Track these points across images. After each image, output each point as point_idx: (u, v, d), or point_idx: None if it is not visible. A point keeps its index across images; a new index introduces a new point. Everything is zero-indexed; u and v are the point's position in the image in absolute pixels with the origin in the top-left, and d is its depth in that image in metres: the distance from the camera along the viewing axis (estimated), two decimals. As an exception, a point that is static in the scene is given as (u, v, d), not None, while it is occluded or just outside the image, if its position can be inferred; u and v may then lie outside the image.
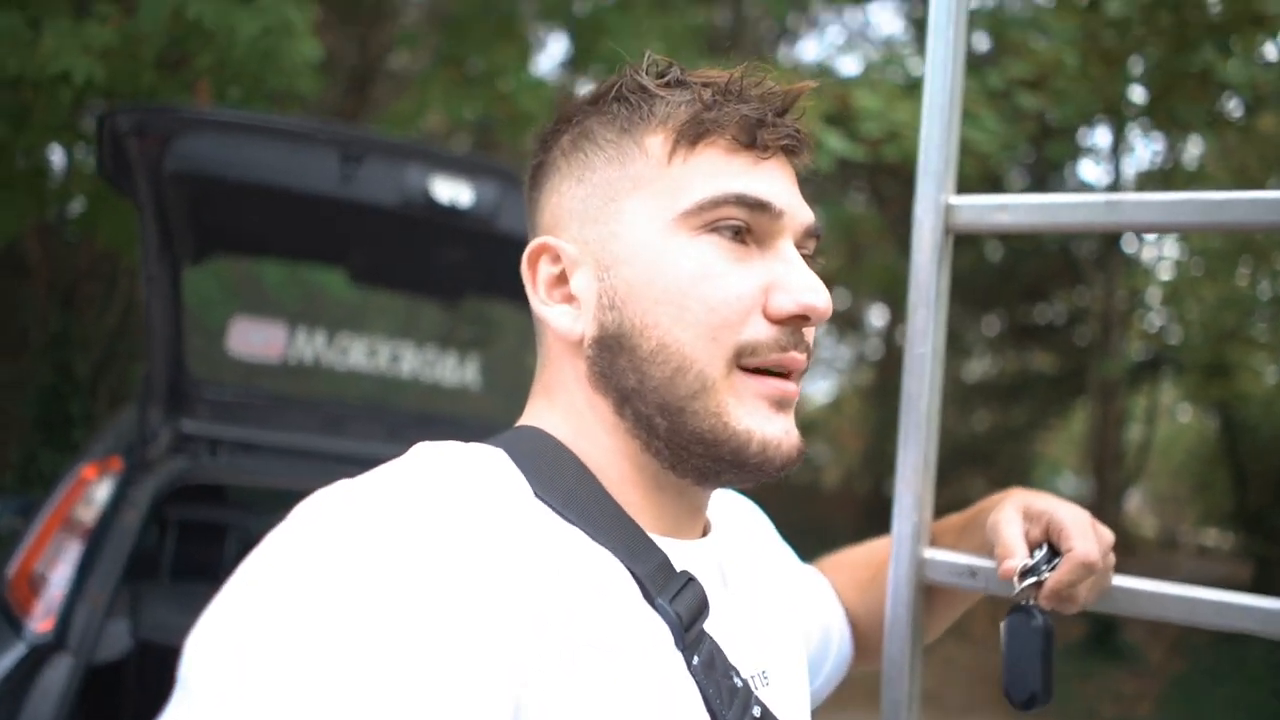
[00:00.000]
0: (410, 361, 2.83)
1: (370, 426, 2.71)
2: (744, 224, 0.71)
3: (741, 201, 0.71)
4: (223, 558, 3.07)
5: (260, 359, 2.79)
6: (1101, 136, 12.60)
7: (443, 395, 2.90)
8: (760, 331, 0.71)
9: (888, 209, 15.11)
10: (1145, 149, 13.39)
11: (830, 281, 0.80)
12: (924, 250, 0.96)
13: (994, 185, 13.17)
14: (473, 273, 2.62)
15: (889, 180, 12.53)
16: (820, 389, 21.35)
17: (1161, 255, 15.50)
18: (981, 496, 1.07)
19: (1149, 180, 13.02)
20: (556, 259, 0.76)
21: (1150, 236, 15.64)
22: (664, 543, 0.73)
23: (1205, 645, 10.76)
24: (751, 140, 0.72)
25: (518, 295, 2.57)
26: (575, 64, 5.96)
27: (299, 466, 2.77)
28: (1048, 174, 13.09)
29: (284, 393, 2.85)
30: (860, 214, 12.35)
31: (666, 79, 0.75)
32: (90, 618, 2.06)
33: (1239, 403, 14.20)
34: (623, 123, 0.75)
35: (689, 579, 0.71)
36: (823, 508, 16.31)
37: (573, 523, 0.69)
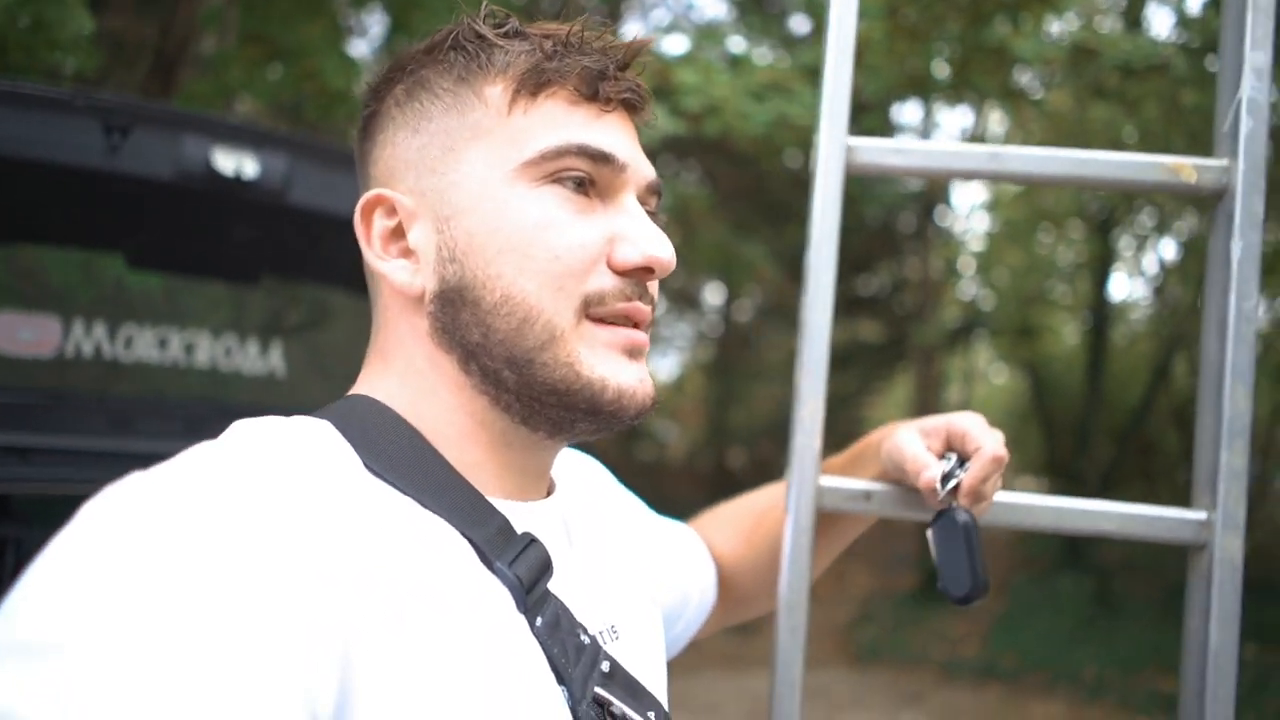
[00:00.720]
0: (206, 351, 2.58)
1: (163, 423, 2.46)
2: (586, 176, 0.70)
3: (584, 152, 0.70)
4: (1, 572, 2.76)
5: (32, 355, 2.48)
6: (911, 112, 13.14)
7: (244, 385, 2.66)
8: (606, 282, 0.70)
9: (719, 187, 15.32)
10: (953, 123, 14.02)
11: None
12: (829, 188, 1.00)
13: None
14: (267, 251, 2.40)
15: (718, 159, 12.69)
16: (662, 367, 21.62)
17: (970, 228, 16.47)
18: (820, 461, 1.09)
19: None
20: (392, 212, 0.73)
21: (962, 210, 16.51)
22: (505, 505, 0.71)
23: (1024, 584, 11.42)
24: (594, 92, 0.71)
25: (320, 274, 2.32)
26: (390, 44, 5.70)
27: (85, 469, 2.50)
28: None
29: (63, 391, 2.56)
30: (692, 193, 12.44)
31: (505, 29, 0.73)
32: None
33: (1044, 362, 15.20)
34: (460, 71, 0.72)
35: (530, 541, 0.69)
36: (669, 483, 16.49)
37: (406, 493, 0.66)
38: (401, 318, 0.74)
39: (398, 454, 0.68)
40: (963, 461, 0.95)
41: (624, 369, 0.70)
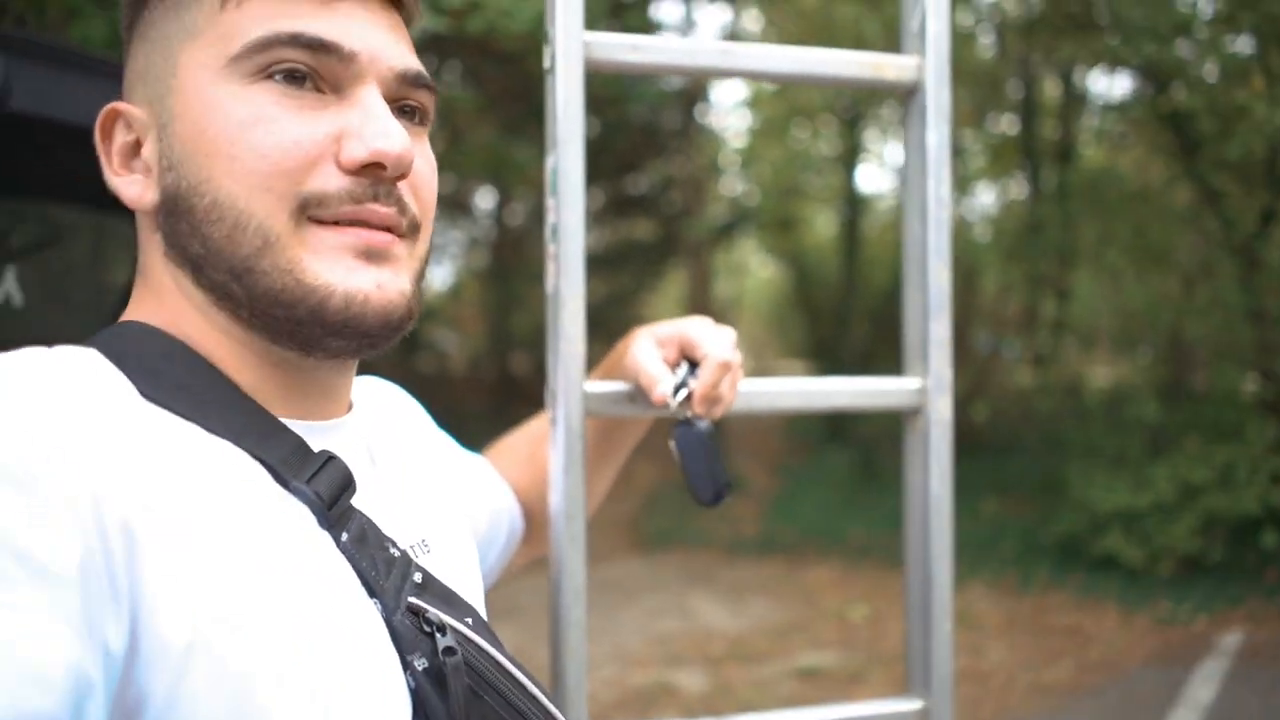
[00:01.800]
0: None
1: None
2: (306, 68, 0.64)
3: (297, 41, 0.63)
4: None
5: None
6: (671, 10, 13.24)
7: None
8: (330, 183, 0.64)
9: (486, 89, 14.94)
10: (714, 20, 14.24)
11: (437, 165, 0.73)
12: (569, 85, 0.98)
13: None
14: (-12, 169, 2.17)
15: (484, 60, 12.34)
16: (437, 276, 21.13)
17: (731, 125, 16.89)
18: (596, 359, 1.11)
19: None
20: (130, 126, 0.68)
21: (725, 106, 16.94)
22: (298, 425, 0.68)
23: (797, 465, 12.29)
24: None
25: (53, 190, 2.14)
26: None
27: None
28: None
29: None
30: (458, 95, 12.07)
31: None
32: None
33: (804, 253, 16.08)
34: None
35: (328, 458, 0.66)
36: (453, 393, 16.36)
37: (189, 419, 0.62)
38: (147, 235, 0.69)
39: (175, 379, 0.64)
40: (694, 368, 0.97)
41: (355, 273, 0.64)
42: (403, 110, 0.69)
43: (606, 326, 17.15)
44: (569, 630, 0.96)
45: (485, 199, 17.90)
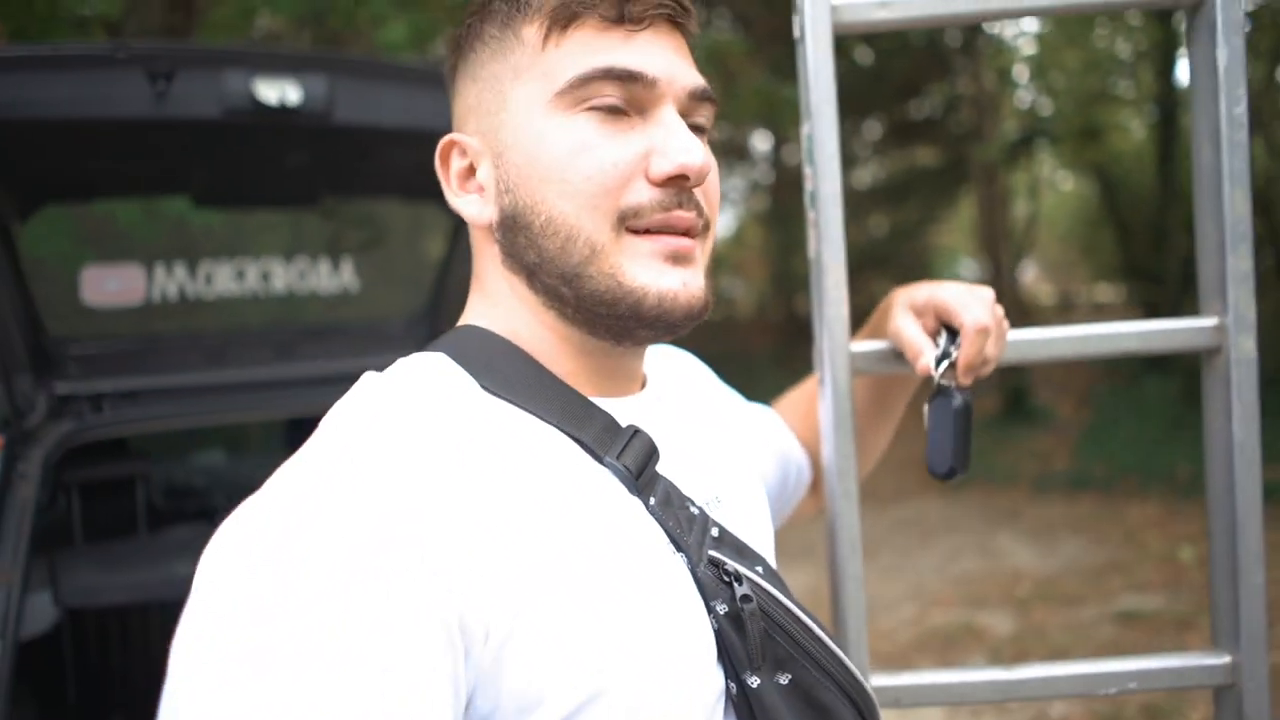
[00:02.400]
0: (282, 277, 2.72)
1: (255, 350, 2.62)
2: (619, 97, 0.76)
3: (610, 75, 0.75)
4: (134, 510, 2.99)
5: (123, 304, 2.65)
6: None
7: (323, 304, 2.81)
8: (643, 195, 0.75)
9: (753, 32, 14.82)
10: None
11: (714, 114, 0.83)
12: (819, 52, 1.00)
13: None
14: (322, 173, 2.49)
15: (750, 2, 12.24)
16: (720, 224, 21.36)
17: (1022, 31, 15.63)
18: (872, 310, 1.15)
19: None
20: (464, 153, 0.82)
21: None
22: (607, 403, 0.80)
23: (1107, 394, 11.40)
24: (620, 16, 0.76)
25: (374, 187, 2.44)
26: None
27: (189, 404, 2.69)
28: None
29: (156, 333, 2.73)
30: (727, 40, 12.08)
31: None
32: (7, 596, 1.99)
33: (1113, 162, 14.62)
34: (503, 18, 0.80)
35: (635, 432, 0.78)
36: (741, 337, 16.60)
37: (522, 407, 0.76)
38: (483, 248, 0.83)
39: (508, 373, 0.78)
40: (954, 336, 0.96)
41: (665, 275, 0.76)
42: (692, 125, 0.80)
43: (893, 260, 16.68)
44: (847, 582, 1.00)
45: (761, 142, 17.81)
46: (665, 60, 0.78)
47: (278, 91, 2.16)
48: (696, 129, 0.81)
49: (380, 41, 5.11)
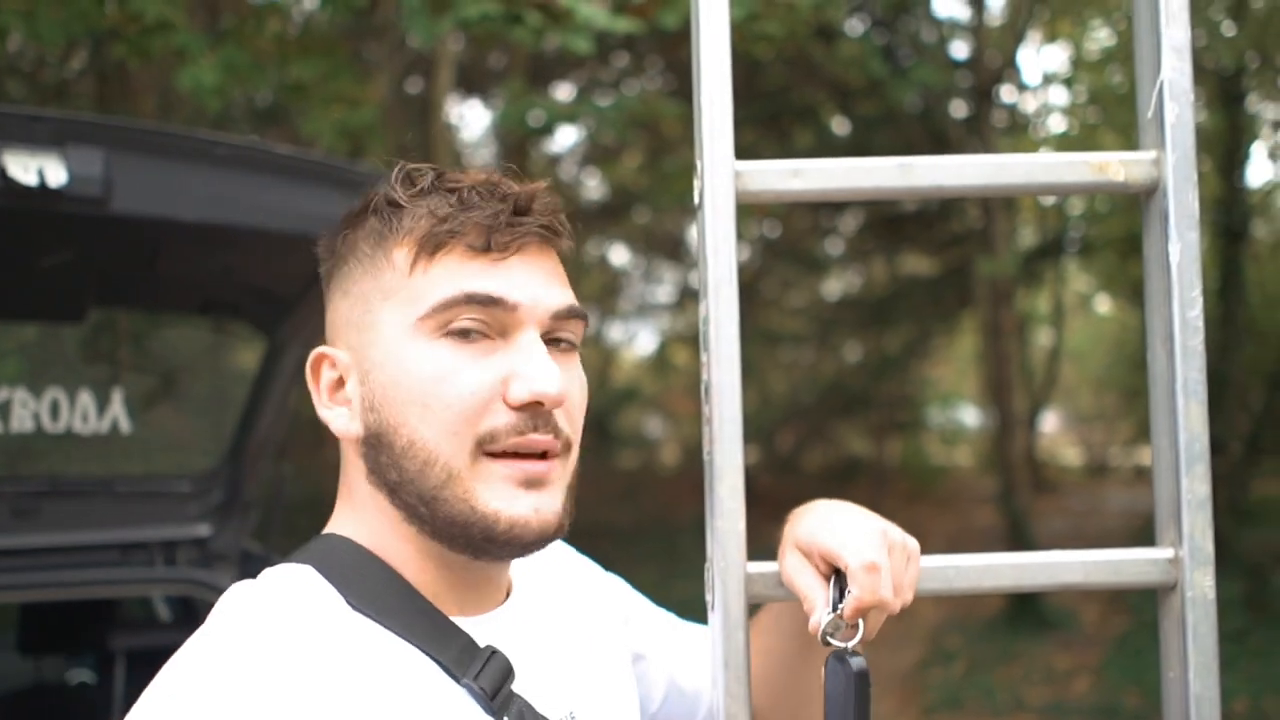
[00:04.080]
0: (26, 411, 2.76)
1: None
2: (481, 321, 1.04)
3: (472, 300, 1.04)
4: None
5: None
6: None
7: (80, 450, 2.86)
8: (499, 419, 1.03)
9: (690, 89, 15.29)
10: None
11: (630, 192, 1.04)
12: (720, 224, 1.16)
13: (827, 39, 13.63)
14: (91, 277, 2.58)
15: (688, 50, 12.70)
16: (640, 341, 21.57)
17: (1047, 105, 16.34)
18: (862, 451, 1.28)
19: None
20: (334, 365, 1.12)
21: (1033, 82, 16.53)
22: (468, 621, 1.09)
23: (1146, 597, 11.69)
24: (486, 244, 1.06)
25: (162, 299, 2.56)
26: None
27: None
28: (896, 16, 13.59)
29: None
30: (655, 99, 12.44)
31: (418, 188, 1.09)
32: None
33: None
34: (376, 237, 1.10)
35: (492, 653, 1.06)
36: (662, 497, 16.68)
37: (386, 626, 1.05)
38: (349, 459, 1.13)
39: (374, 590, 1.07)
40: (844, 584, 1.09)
41: (517, 501, 1.04)
42: (557, 341, 1.08)
43: (870, 400, 17.02)
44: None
45: (696, 235, 18.20)
46: (529, 284, 1.07)
47: (35, 167, 2.20)
48: (566, 344, 1.10)
49: (182, 84, 5.19)
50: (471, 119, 19.63)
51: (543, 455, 1.06)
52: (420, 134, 13.40)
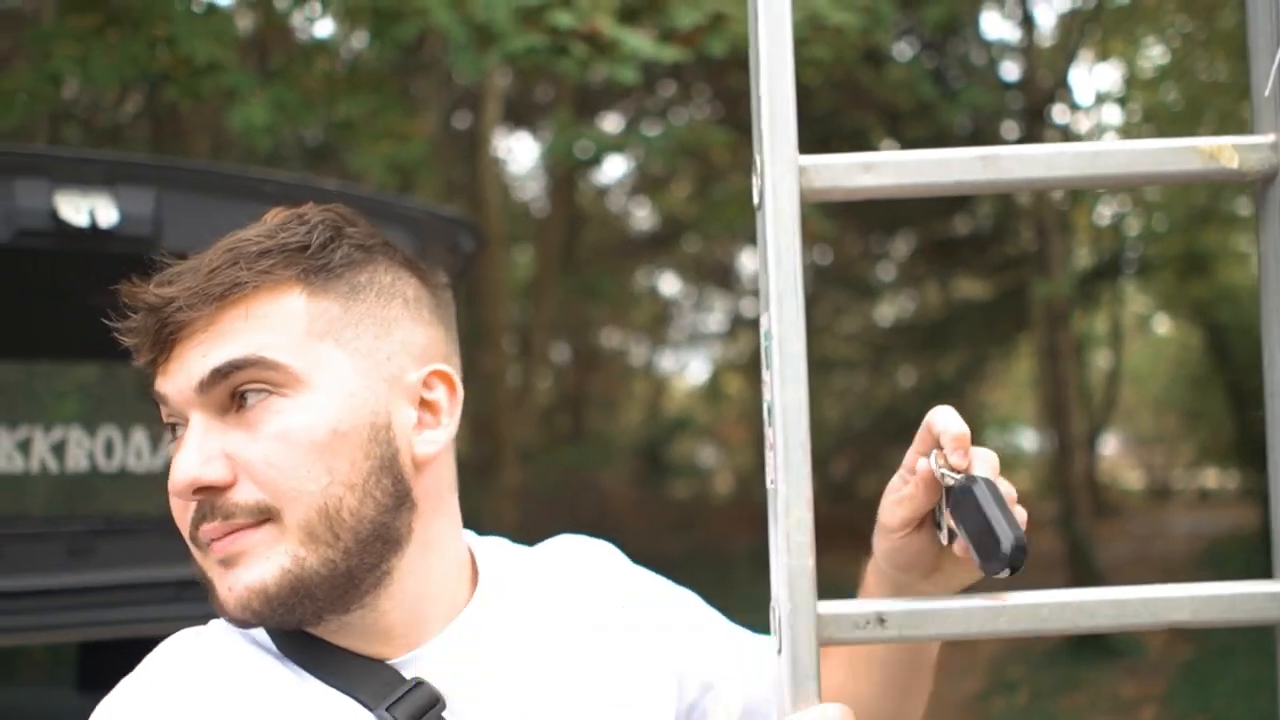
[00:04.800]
0: (82, 450, 2.79)
1: (39, 549, 2.68)
2: (171, 418, 1.06)
3: (154, 402, 1.07)
4: None
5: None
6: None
7: (135, 489, 2.88)
8: (179, 510, 1.04)
9: (739, 114, 15.38)
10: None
11: (679, 221, 0.99)
12: (784, 227, 1.04)
13: (876, 63, 13.64)
14: (142, 314, 2.60)
15: (738, 74, 12.76)
16: (692, 370, 21.54)
17: (1101, 124, 16.21)
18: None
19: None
20: None
21: (1086, 102, 16.36)
22: (399, 660, 1.09)
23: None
24: (149, 343, 1.05)
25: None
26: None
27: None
28: (946, 38, 13.55)
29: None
30: (703, 129, 12.47)
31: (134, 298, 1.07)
32: None
33: (1224, 302, 14.93)
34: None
35: (415, 684, 1.06)
36: (715, 527, 16.61)
37: (311, 672, 1.07)
38: None
39: (300, 639, 1.08)
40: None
41: (221, 580, 1.03)
42: (241, 395, 1.03)
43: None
44: None
45: (749, 261, 18.23)
46: (180, 369, 1.04)
47: (86, 208, 2.24)
48: (251, 398, 1.03)
49: (233, 124, 5.28)
50: (520, 152, 19.69)
51: (230, 534, 1.03)
52: (468, 168, 13.56)
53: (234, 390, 1.03)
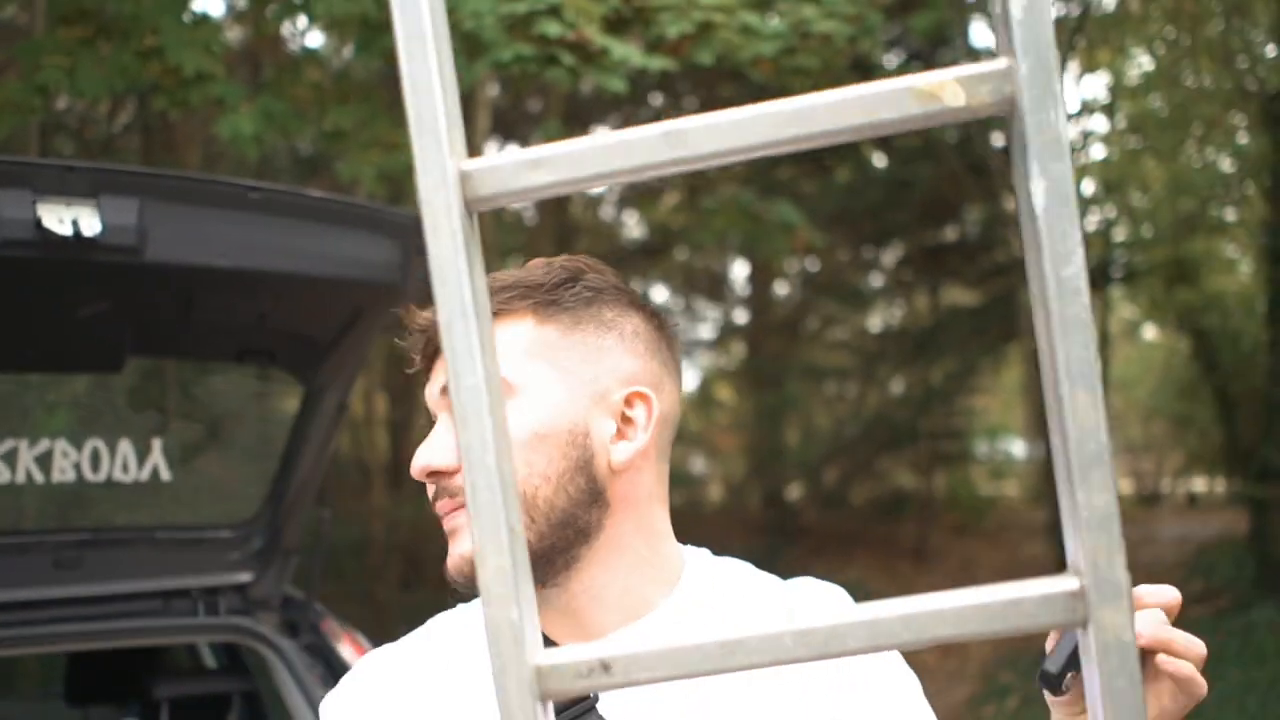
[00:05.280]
0: (67, 462, 2.77)
1: (26, 561, 2.67)
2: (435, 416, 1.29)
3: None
4: None
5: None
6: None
7: (122, 499, 2.87)
8: (428, 488, 1.27)
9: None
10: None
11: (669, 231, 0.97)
12: (444, 242, 0.81)
13: (864, 72, 13.66)
14: (128, 326, 2.59)
15: (729, 87, 12.79)
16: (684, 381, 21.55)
17: (1089, 132, 16.21)
18: (909, 484, 1.28)
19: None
20: None
21: (1073, 108, 16.35)
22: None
23: (1202, 623, 11.51)
24: (421, 354, 1.30)
25: (199, 347, 2.58)
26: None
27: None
28: (934, 48, 13.57)
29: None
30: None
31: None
32: None
33: (1211, 309, 14.93)
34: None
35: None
36: (708, 533, 16.52)
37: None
38: None
39: None
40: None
41: (449, 549, 1.25)
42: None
43: (916, 433, 16.87)
44: None
45: (740, 271, 18.24)
46: (435, 379, 1.28)
47: (70, 218, 2.23)
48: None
49: (221, 133, 5.27)
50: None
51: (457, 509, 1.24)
52: (459, 178, 13.49)
53: None
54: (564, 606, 1.26)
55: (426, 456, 1.23)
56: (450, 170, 1.03)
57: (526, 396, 1.21)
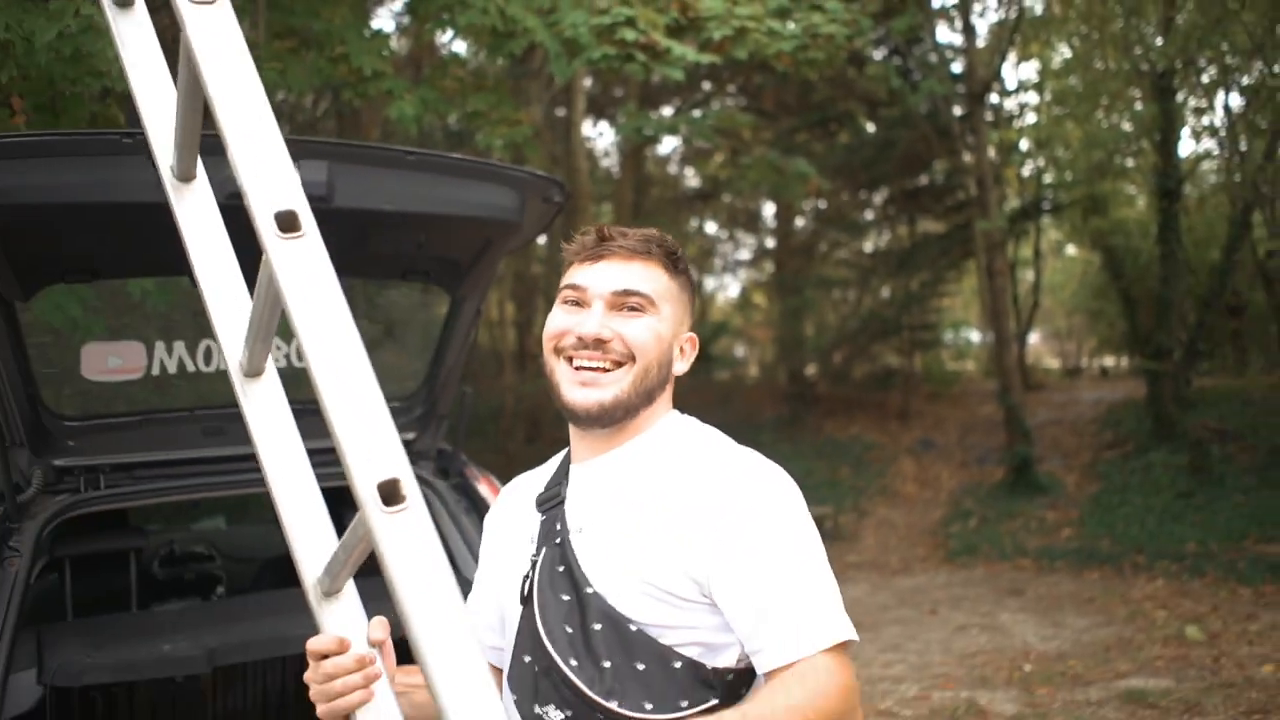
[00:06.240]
0: (281, 353, 2.72)
1: (182, 429, 2.67)
2: (573, 296, 1.38)
3: (568, 285, 1.40)
4: (128, 582, 2.97)
5: (122, 379, 2.66)
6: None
7: (302, 382, 2.82)
8: (568, 342, 1.36)
9: (761, 104, 15.09)
10: None
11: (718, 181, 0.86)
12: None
13: (859, 63, 13.22)
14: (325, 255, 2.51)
15: (758, 73, 12.49)
16: (727, 287, 21.55)
17: (1024, 103, 15.97)
18: (895, 363, 1.17)
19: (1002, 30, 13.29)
20: None
21: (1012, 87, 15.90)
22: (576, 467, 1.43)
23: (1114, 465, 11.29)
24: (585, 256, 1.41)
25: (372, 270, 2.49)
26: (414, 11, 5.74)
27: (186, 477, 2.69)
28: (910, 44, 13.14)
29: (155, 408, 2.74)
30: (733, 113, 12.38)
31: (575, 241, 1.43)
32: None
33: (1116, 232, 14.63)
34: (565, 257, 1.46)
35: (560, 480, 1.44)
36: (748, 403, 16.54)
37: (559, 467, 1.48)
38: None
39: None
40: None
41: (572, 389, 1.36)
42: (629, 307, 1.37)
43: (900, 326, 16.69)
44: None
45: (768, 211, 18.01)
46: (599, 278, 1.37)
47: None
48: (630, 308, 1.37)
49: (391, 115, 5.23)
50: (601, 133, 19.48)
51: (599, 368, 1.35)
52: (564, 145, 13.41)
53: (626, 302, 1.37)
54: (618, 430, 1.39)
55: (597, 329, 1.34)
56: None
57: (659, 319, 1.37)
